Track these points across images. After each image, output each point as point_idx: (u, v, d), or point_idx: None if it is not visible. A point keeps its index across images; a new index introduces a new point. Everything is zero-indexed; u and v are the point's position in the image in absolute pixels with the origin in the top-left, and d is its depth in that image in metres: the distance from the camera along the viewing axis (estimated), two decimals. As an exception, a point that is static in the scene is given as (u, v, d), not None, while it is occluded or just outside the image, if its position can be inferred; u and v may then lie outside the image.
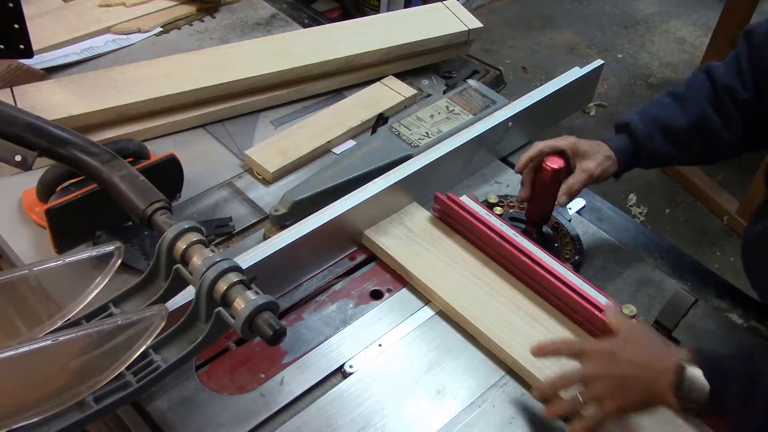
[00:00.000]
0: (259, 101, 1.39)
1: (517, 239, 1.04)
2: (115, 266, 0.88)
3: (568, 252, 1.14)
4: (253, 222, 1.19)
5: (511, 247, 1.04)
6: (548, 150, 1.07)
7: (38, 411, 0.73)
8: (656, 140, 1.09)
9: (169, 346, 0.85)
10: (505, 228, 1.06)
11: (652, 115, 1.10)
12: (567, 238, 1.16)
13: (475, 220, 1.07)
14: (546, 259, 1.02)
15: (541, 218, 1.14)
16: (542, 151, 1.07)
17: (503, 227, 1.06)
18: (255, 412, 0.93)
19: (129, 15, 1.57)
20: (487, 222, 1.07)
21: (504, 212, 1.16)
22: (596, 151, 1.08)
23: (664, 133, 1.08)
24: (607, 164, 1.08)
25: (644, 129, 1.09)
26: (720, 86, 1.07)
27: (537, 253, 1.03)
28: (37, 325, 0.84)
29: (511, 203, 1.21)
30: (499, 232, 1.05)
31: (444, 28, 1.49)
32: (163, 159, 1.13)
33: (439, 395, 0.97)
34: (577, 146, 1.07)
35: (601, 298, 0.97)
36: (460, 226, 1.11)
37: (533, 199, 1.11)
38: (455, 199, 1.10)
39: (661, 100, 1.12)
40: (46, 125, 0.97)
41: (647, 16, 3.74)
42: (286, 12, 1.67)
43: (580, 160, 1.07)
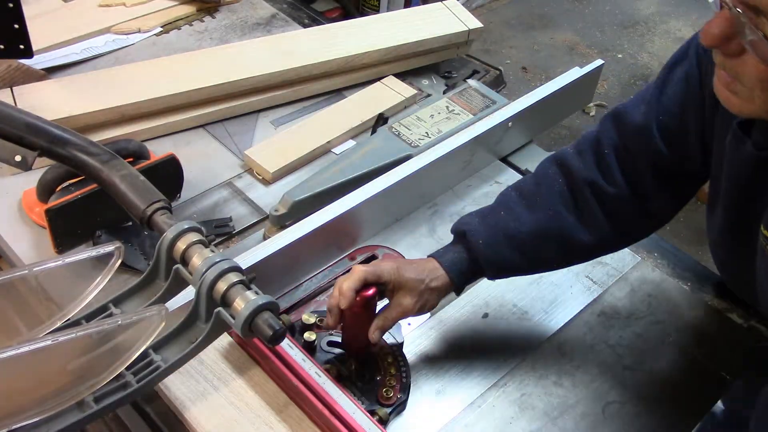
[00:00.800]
0: (259, 101, 1.39)
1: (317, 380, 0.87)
2: (115, 266, 0.88)
3: (389, 389, 0.94)
4: (253, 222, 1.19)
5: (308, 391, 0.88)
6: (372, 280, 0.90)
7: (38, 411, 0.73)
8: (501, 251, 0.93)
9: (169, 346, 0.85)
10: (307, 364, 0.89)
11: (494, 221, 0.94)
12: (392, 369, 0.96)
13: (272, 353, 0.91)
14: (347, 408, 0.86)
15: (360, 347, 0.95)
16: (364, 280, 0.89)
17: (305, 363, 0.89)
18: (255, 412, 0.92)
19: (129, 15, 1.57)
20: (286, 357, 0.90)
21: (318, 336, 0.97)
22: (420, 281, 0.92)
23: (508, 242, 0.93)
24: (429, 297, 0.93)
25: (485, 238, 0.93)
26: (579, 181, 0.94)
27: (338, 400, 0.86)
28: (37, 325, 0.83)
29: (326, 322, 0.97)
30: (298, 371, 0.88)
31: (444, 28, 1.49)
32: (163, 159, 1.13)
33: (439, 395, 0.97)
34: (401, 276, 0.91)
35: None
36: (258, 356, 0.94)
37: (347, 328, 0.94)
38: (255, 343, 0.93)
39: (507, 199, 0.97)
40: (46, 125, 0.97)
41: (647, 16, 3.74)
42: (286, 12, 1.67)
43: (399, 292, 0.92)
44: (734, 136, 0.82)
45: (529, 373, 1.00)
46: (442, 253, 0.96)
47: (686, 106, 0.90)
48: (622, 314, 1.09)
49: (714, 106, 0.85)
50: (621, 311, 1.09)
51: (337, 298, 0.89)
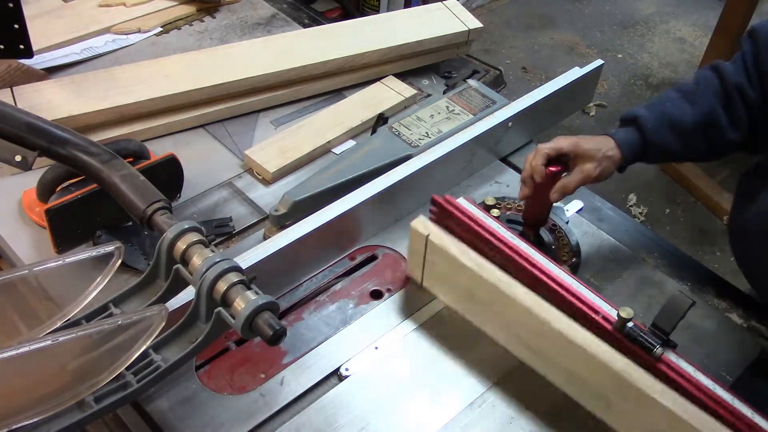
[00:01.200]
0: (259, 101, 1.39)
1: (514, 242, 1.03)
2: (115, 266, 0.88)
3: (565, 255, 1.14)
4: (253, 222, 1.19)
5: (509, 250, 1.02)
6: (554, 154, 1.06)
7: (38, 411, 0.73)
8: (664, 135, 1.07)
9: (169, 346, 0.85)
10: (501, 230, 1.05)
11: (660, 110, 1.08)
12: (564, 240, 1.16)
13: (472, 222, 1.06)
14: (543, 262, 1.01)
15: (538, 221, 1.13)
16: (548, 155, 1.06)
17: (500, 230, 1.05)
18: (255, 412, 0.93)
19: (129, 15, 1.58)
20: (484, 225, 1.05)
21: (501, 214, 1.15)
22: (598, 150, 1.06)
23: (672, 128, 1.07)
24: (607, 164, 1.07)
25: (653, 123, 1.07)
26: (729, 84, 1.06)
27: (534, 256, 1.02)
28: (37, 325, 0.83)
29: (508, 205, 1.20)
30: (497, 234, 1.04)
31: (444, 28, 1.49)
32: (163, 159, 1.13)
33: (439, 395, 0.97)
34: (579, 147, 1.06)
35: (598, 301, 0.97)
36: (457, 228, 1.09)
37: (529, 200, 1.10)
38: (452, 202, 1.09)
39: (669, 94, 1.11)
40: (46, 125, 0.97)
41: (647, 16, 3.74)
42: (286, 12, 1.67)
43: (580, 160, 1.06)
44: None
45: (529, 373, 1.00)
46: (614, 132, 1.10)
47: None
48: (622, 314, 1.09)
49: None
50: (621, 311, 1.09)
51: (529, 171, 1.06)
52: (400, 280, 1.10)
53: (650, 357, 0.88)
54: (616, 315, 0.91)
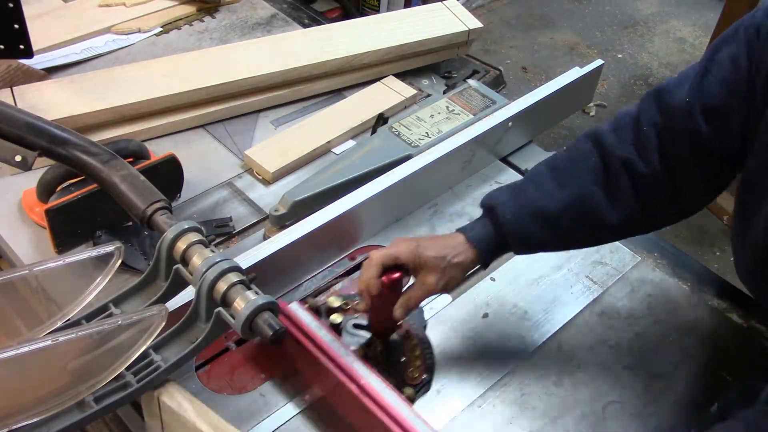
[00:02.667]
0: (259, 101, 1.39)
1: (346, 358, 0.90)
2: (115, 266, 0.88)
3: (415, 370, 0.97)
4: (253, 222, 1.19)
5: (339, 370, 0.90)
6: (390, 262, 0.91)
7: (38, 411, 0.73)
8: (527, 227, 0.92)
9: (169, 346, 0.85)
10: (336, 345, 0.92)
11: (523, 197, 0.94)
12: (417, 351, 0.99)
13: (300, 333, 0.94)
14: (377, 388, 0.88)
15: (385, 329, 0.99)
16: (383, 264, 0.90)
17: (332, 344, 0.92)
18: (255, 412, 0.93)
19: (129, 15, 1.57)
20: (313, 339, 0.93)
21: (346, 319, 1.00)
22: (442, 258, 0.91)
23: (536, 217, 0.92)
24: (454, 273, 0.93)
25: (513, 213, 0.92)
26: (613, 158, 0.91)
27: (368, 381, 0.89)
28: (37, 325, 0.83)
29: (358, 305, 1.01)
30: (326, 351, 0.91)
31: (444, 28, 1.49)
32: (163, 159, 1.13)
33: (439, 395, 0.97)
34: (419, 256, 0.91)
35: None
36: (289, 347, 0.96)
37: (374, 311, 0.95)
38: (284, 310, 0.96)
39: (538, 174, 0.96)
40: (46, 125, 0.97)
41: (647, 16, 3.74)
42: (286, 12, 1.67)
43: (421, 271, 0.92)
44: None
45: (529, 373, 1.00)
46: (469, 228, 0.95)
47: (732, 89, 0.87)
48: (622, 314, 1.09)
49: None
50: (621, 311, 1.09)
51: (365, 285, 0.90)
52: (399, 280, 1.09)
53: None
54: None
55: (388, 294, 0.91)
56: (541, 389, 0.98)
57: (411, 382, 0.96)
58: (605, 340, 1.05)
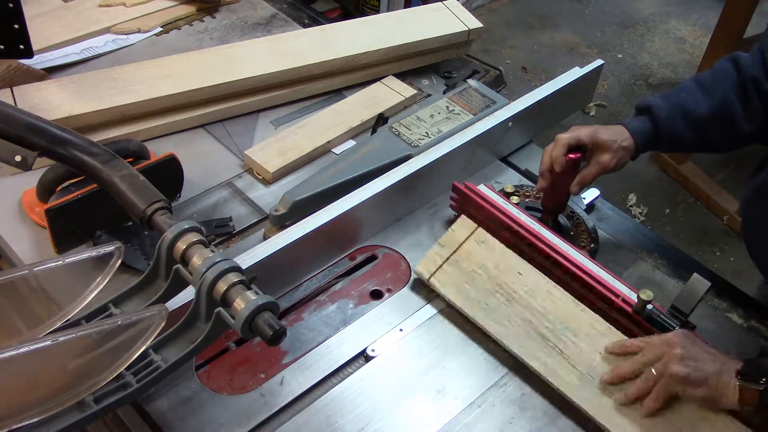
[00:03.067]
0: (259, 101, 1.39)
1: (534, 227, 1.06)
2: (115, 266, 0.88)
3: (583, 240, 1.16)
4: (253, 222, 1.19)
5: (530, 235, 1.05)
6: (574, 143, 1.08)
7: (38, 411, 0.73)
8: (677, 125, 1.08)
9: (169, 346, 0.85)
10: (522, 216, 1.07)
11: (674, 100, 1.10)
12: (582, 226, 1.18)
13: (493, 208, 1.08)
14: (564, 247, 1.04)
15: (556, 207, 1.16)
16: (568, 144, 1.08)
17: (521, 216, 1.07)
18: (255, 412, 0.93)
19: (129, 15, 1.58)
20: (505, 211, 1.08)
21: (521, 201, 1.16)
22: (614, 141, 1.08)
23: (685, 118, 1.08)
24: (622, 154, 1.09)
25: (666, 113, 1.09)
26: (746, 76, 1.06)
27: (555, 241, 1.05)
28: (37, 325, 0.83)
29: (527, 192, 1.22)
30: (517, 220, 1.07)
31: (444, 28, 1.49)
32: (163, 159, 1.13)
33: (439, 395, 0.97)
34: (597, 137, 1.08)
35: (618, 284, 0.99)
36: (477, 215, 1.12)
37: (548, 189, 1.12)
38: (473, 189, 1.11)
39: (686, 84, 1.12)
40: (46, 125, 0.97)
41: (647, 16, 3.74)
42: (286, 12, 1.67)
43: (597, 151, 1.09)
44: None
45: (529, 373, 1.00)
46: (628, 122, 1.11)
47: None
48: (622, 314, 1.09)
49: None
50: (621, 311, 1.09)
51: (548, 164, 1.08)
52: (400, 280, 1.10)
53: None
54: (635, 298, 0.92)
55: (568, 171, 1.07)
56: (541, 389, 0.98)
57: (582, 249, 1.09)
58: (605, 340, 1.05)
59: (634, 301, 0.94)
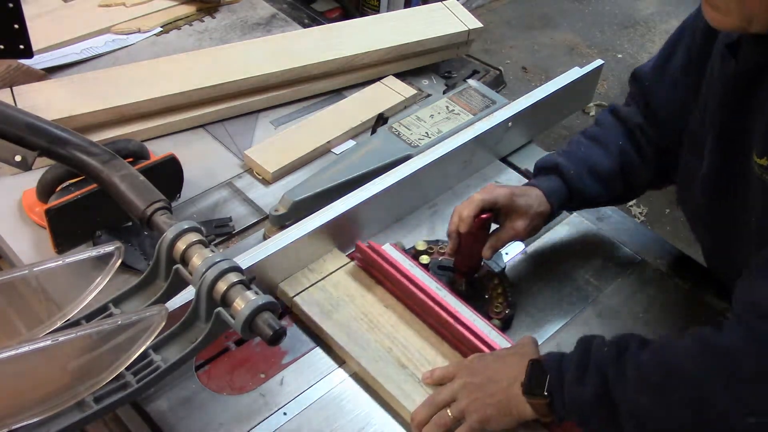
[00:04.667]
0: (259, 101, 1.39)
1: (439, 294, 0.99)
2: (115, 266, 0.88)
3: (498, 305, 1.05)
4: (253, 222, 1.19)
5: (433, 302, 0.98)
6: (488, 206, 1.00)
7: (38, 411, 0.73)
8: (585, 182, 1.06)
9: (169, 346, 0.85)
10: (428, 281, 1.00)
11: (577, 156, 1.07)
12: (498, 289, 1.06)
13: (395, 270, 1.01)
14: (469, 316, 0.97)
15: (469, 268, 1.06)
16: (482, 206, 1.00)
17: (425, 279, 1.00)
18: (255, 412, 0.93)
19: (129, 15, 1.58)
20: (408, 273, 1.01)
21: (432, 261, 1.08)
22: (530, 207, 1.03)
23: (591, 173, 1.06)
24: (537, 221, 1.04)
25: (574, 170, 1.06)
26: (632, 125, 1.08)
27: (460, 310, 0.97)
28: (37, 325, 0.83)
29: (441, 249, 1.11)
30: (421, 285, 0.99)
31: (444, 28, 1.49)
32: (163, 159, 1.13)
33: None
34: (513, 202, 1.02)
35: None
36: (380, 275, 1.05)
37: (462, 250, 1.03)
38: (376, 248, 1.04)
39: (579, 140, 1.10)
40: (46, 125, 0.97)
41: (647, 16, 3.74)
42: (286, 12, 1.67)
43: (512, 216, 1.02)
44: (721, 57, 0.88)
45: (529, 373, 1.00)
46: (540, 182, 1.06)
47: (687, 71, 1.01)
48: (622, 314, 1.09)
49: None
50: (621, 311, 1.09)
51: (457, 224, 0.99)
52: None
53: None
54: None
55: (477, 232, 1.00)
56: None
57: (496, 316, 1.03)
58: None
59: None
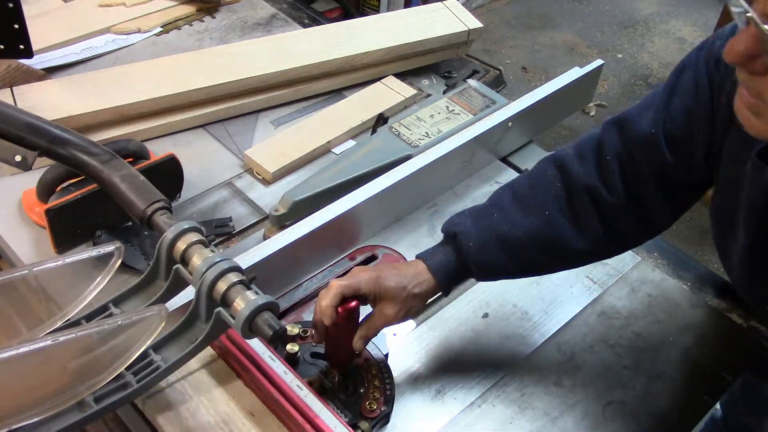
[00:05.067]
0: (259, 101, 1.39)
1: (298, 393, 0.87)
2: (115, 266, 0.88)
3: (372, 402, 0.92)
4: (253, 222, 1.19)
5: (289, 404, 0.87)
6: (349, 293, 0.88)
7: (38, 411, 0.73)
8: (491, 254, 0.91)
9: (169, 346, 0.85)
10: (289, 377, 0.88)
11: (486, 224, 0.92)
12: (375, 381, 0.94)
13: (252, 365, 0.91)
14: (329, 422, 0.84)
15: (342, 359, 0.94)
16: (342, 295, 0.87)
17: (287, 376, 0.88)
18: (255, 412, 0.92)
19: (129, 15, 1.57)
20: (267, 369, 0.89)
21: (302, 347, 0.96)
22: (402, 288, 0.90)
23: (500, 244, 0.91)
24: (413, 303, 0.91)
25: (476, 241, 0.91)
26: (577, 186, 0.91)
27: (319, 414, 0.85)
28: (37, 325, 0.83)
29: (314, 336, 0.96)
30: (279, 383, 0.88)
31: (444, 28, 1.49)
32: (163, 159, 1.13)
33: (439, 395, 0.97)
34: (380, 286, 0.89)
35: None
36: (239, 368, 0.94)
37: (330, 341, 0.92)
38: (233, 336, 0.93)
39: (502, 198, 0.95)
40: (46, 125, 0.97)
41: (647, 16, 3.74)
42: (286, 12, 1.67)
43: (381, 300, 0.90)
44: (754, 166, 0.76)
45: (529, 373, 1.00)
46: (429, 255, 0.94)
47: (694, 115, 0.86)
48: (622, 314, 1.09)
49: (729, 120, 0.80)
50: (621, 311, 1.09)
51: (318, 315, 0.87)
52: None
53: None
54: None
55: (344, 324, 0.88)
56: (541, 389, 0.98)
57: (368, 414, 0.91)
58: (605, 340, 1.05)
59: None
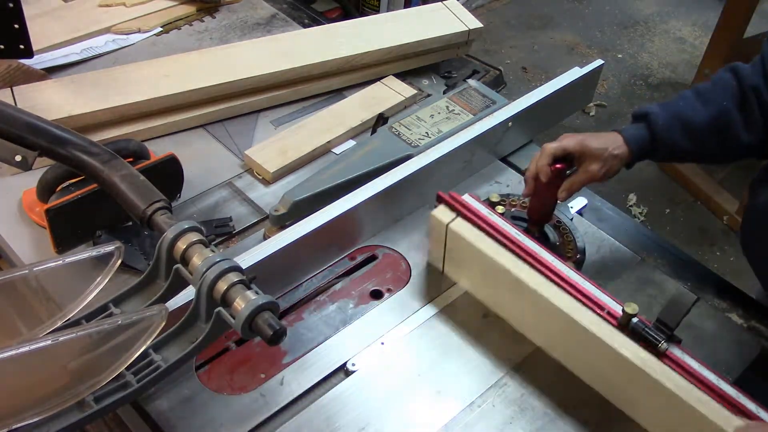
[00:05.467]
0: (259, 101, 1.39)
1: (519, 238, 1.04)
2: (115, 266, 0.88)
3: (569, 251, 1.12)
4: (253, 222, 1.19)
5: (514, 246, 1.03)
6: (560, 153, 1.06)
7: (38, 411, 0.73)
8: (675, 134, 1.06)
9: (169, 346, 0.85)
10: (507, 227, 1.05)
11: (672, 109, 1.07)
12: (569, 237, 1.15)
13: (478, 218, 1.06)
14: (548, 258, 1.02)
15: (542, 217, 1.13)
16: (554, 155, 1.05)
17: (505, 226, 1.05)
18: (255, 412, 0.93)
19: (129, 15, 1.58)
20: (489, 221, 1.06)
21: (506, 211, 1.14)
22: (604, 149, 1.06)
23: (683, 127, 1.06)
24: (613, 163, 1.06)
25: (664, 121, 1.06)
26: (746, 85, 1.05)
27: (539, 252, 1.02)
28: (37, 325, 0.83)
29: (513, 202, 1.20)
30: (502, 231, 1.04)
31: (444, 28, 1.49)
32: (163, 159, 1.13)
33: (439, 395, 0.97)
34: (585, 146, 1.06)
35: (603, 296, 0.97)
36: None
37: (534, 198, 1.11)
38: (457, 198, 1.09)
39: (685, 93, 1.10)
40: (46, 125, 0.97)
41: (647, 16, 3.74)
42: (286, 12, 1.67)
43: (586, 160, 1.06)
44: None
45: (529, 373, 1.00)
46: (624, 129, 1.09)
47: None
48: (622, 314, 1.09)
49: None
50: (621, 311, 1.09)
51: (533, 171, 1.07)
52: (400, 280, 1.10)
53: (655, 352, 0.88)
54: (621, 310, 0.92)
55: (553, 181, 1.06)
56: (541, 389, 0.98)
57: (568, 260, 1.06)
58: (605, 340, 1.05)
59: (619, 314, 0.93)
